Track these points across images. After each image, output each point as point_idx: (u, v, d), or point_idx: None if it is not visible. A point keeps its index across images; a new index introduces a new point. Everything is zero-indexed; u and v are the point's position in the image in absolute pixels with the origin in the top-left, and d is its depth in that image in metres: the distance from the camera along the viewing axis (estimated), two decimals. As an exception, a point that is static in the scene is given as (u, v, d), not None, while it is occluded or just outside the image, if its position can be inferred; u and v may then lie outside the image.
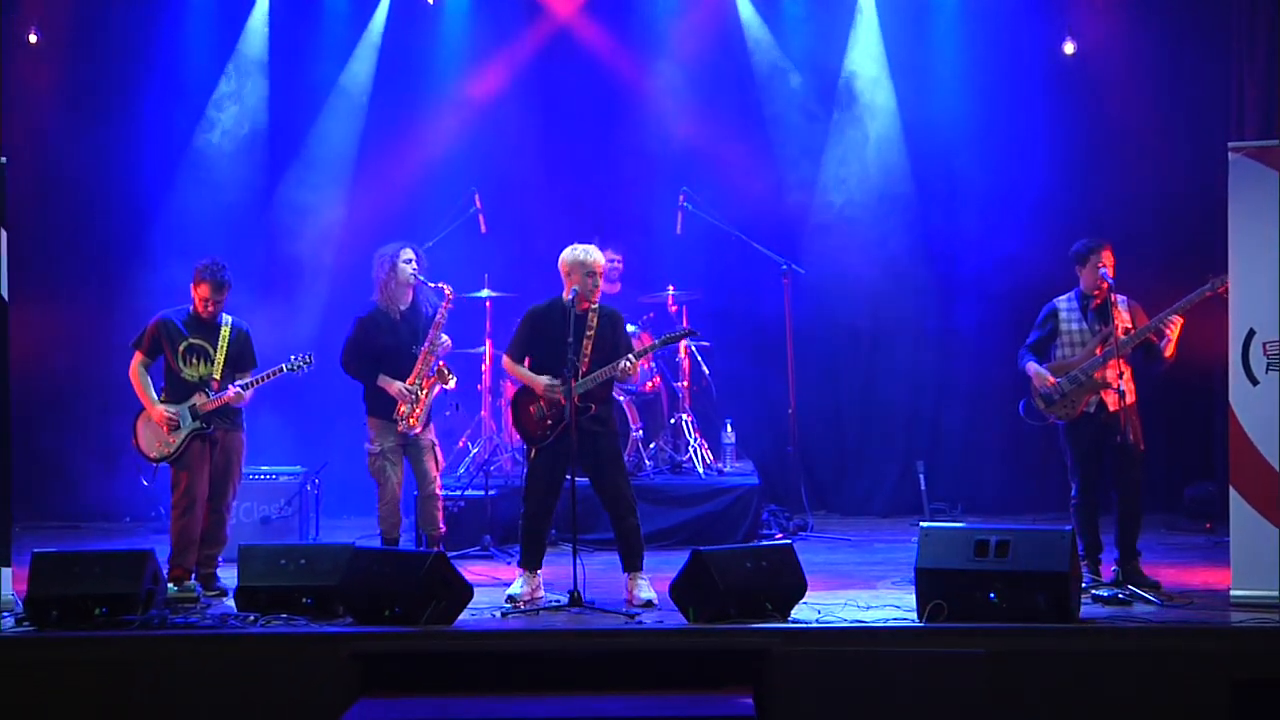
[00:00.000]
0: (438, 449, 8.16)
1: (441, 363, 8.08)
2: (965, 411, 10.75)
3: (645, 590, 7.15)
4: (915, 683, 6.24)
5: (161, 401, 7.69)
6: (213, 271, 7.69)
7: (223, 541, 7.81)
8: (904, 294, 10.82)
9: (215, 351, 7.74)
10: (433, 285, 8.13)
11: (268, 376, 7.83)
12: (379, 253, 8.15)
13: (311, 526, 9.34)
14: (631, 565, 7.25)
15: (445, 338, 8.14)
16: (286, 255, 10.62)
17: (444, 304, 8.13)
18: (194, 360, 7.73)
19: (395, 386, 7.91)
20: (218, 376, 7.72)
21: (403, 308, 8.08)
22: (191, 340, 7.72)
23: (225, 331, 7.78)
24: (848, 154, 10.67)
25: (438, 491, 8.14)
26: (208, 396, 7.67)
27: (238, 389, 7.71)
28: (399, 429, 7.93)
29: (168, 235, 10.50)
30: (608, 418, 7.39)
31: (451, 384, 8.12)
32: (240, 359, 7.84)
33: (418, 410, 7.94)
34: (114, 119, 10.54)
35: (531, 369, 7.37)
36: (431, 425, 8.11)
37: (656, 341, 7.65)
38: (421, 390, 7.96)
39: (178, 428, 7.64)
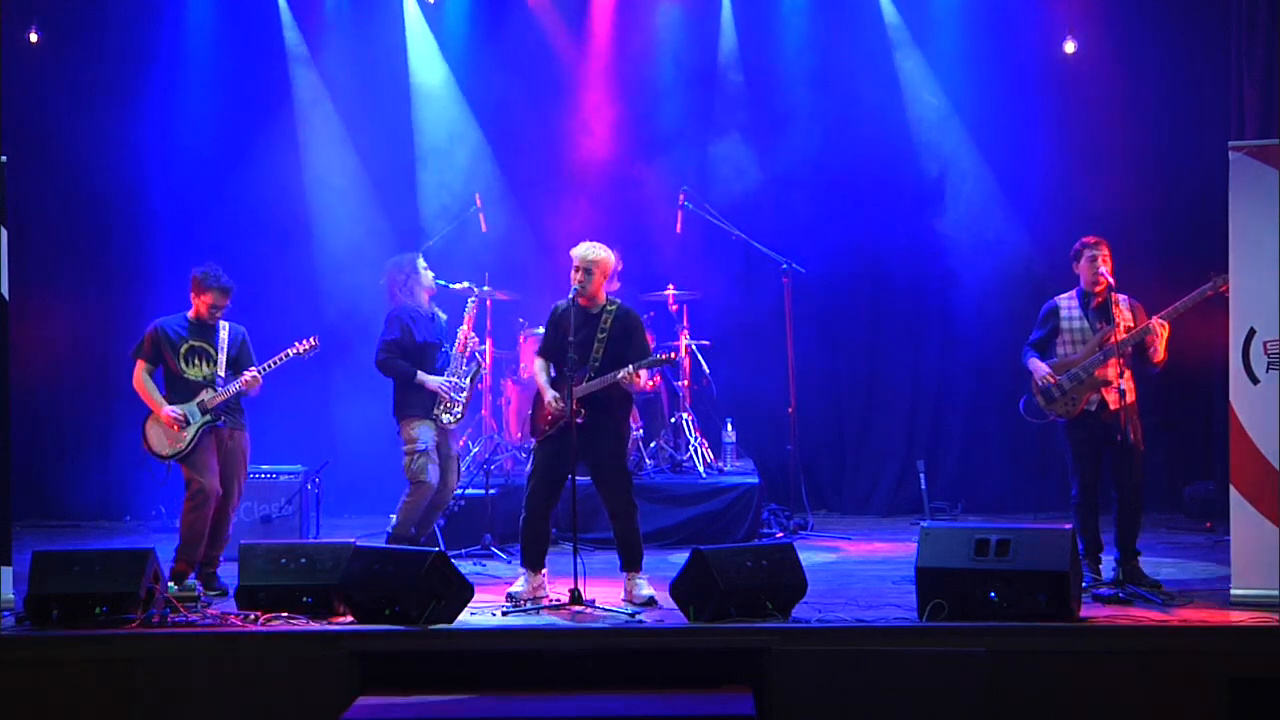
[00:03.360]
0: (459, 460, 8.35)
1: (479, 355, 8.49)
2: (965, 411, 10.76)
3: (645, 589, 7.14)
4: (915, 682, 6.23)
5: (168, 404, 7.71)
6: (216, 278, 7.72)
7: (225, 541, 7.81)
8: (904, 293, 10.84)
9: (216, 352, 7.76)
10: (454, 287, 8.46)
11: (276, 362, 7.84)
12: (397, 262, 8.27)
13: (312, 525, 9.34)
14: (630, 564, 7.22)
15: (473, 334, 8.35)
16: (286, 255, 10.61)
17: (472, 300, 8.39)
18: (196, 361, 7.74)
19: (434, 382, 7.94)
20: (222, 375, 7.74)
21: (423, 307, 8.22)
22: (192, 342, 7.74)
23: (224, 334, 7.80)
24: (849, 153, 10.65)
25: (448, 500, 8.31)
26: (215, 391, 7.68)
27: (253, 373, 7.72)
28: (444, 424, 8.00)
29: (170, 234, 10.51)
30: (610, 416, 7.34)
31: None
32: (240, 360, 7.85)
33: (463, 399, 8.05)
34: (114, 116, 10.53)
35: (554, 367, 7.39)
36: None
37: (646, 360, 7.28)
38: (465, 380, 8.08)
39: (187, 424, 7.65)
